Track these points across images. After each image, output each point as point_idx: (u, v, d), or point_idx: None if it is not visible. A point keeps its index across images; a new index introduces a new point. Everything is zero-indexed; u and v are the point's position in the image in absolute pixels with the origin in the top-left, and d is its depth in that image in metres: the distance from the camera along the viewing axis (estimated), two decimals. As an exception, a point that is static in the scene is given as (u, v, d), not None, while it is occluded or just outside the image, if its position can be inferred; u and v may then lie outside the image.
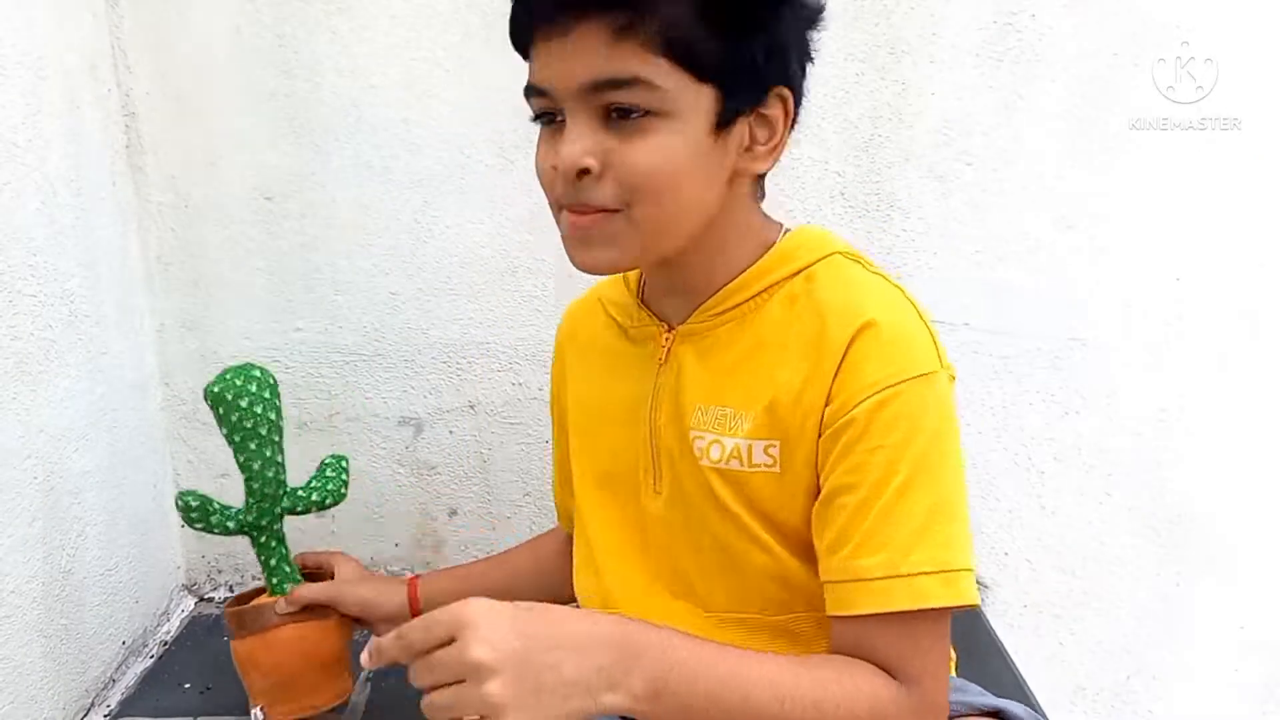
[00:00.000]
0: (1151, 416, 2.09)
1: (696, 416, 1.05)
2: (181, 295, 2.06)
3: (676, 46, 0.89)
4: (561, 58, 0.91)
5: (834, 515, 0.97)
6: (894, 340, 0.96)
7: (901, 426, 0.94)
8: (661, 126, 0.91)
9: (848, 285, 1.01)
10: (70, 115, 1.78)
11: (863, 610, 0.94)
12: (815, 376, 0.97)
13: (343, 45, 1.93)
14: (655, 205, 0.93)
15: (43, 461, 1.67)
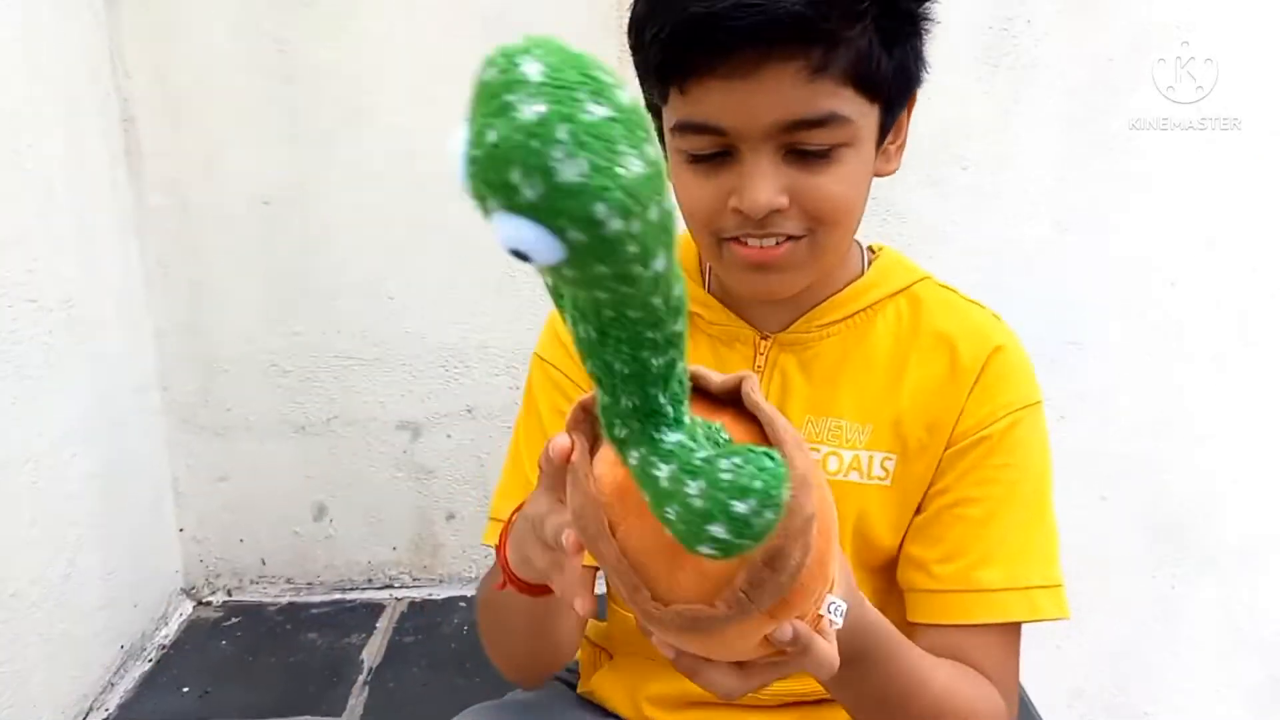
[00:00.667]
0: (1148, 419, 2.09)
1: (807, 429, 1.01)
2: (180, 299, 2.07)
3: (862, 74, 0.84)
4: (748, 98, 0.83)
5: (949, 526, 0.98)
6: (1020, 366, 1.00)
7: (1025, 448, 0.98)
8: (846, 155, 0.87)
9: (963, 311, 1.03)
10: (69, 120, 1.79)
11: (979, 620, 0.96)
12: (947, 391, 0.99)
13: (341, 50, 1.94)
14: (840, 230, 0.91)
15: (42, 465, 1.68)
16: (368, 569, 2.25)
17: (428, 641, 2.05)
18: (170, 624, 2.12)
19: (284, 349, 2.10)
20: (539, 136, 0.36)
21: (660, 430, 0.50)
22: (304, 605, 2.20)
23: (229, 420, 2.15)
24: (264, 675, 1.94)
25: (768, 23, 0.78)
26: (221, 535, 2.22)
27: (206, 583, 2.25)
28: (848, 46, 0.82)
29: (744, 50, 0.80)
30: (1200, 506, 2.14)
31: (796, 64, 0.81)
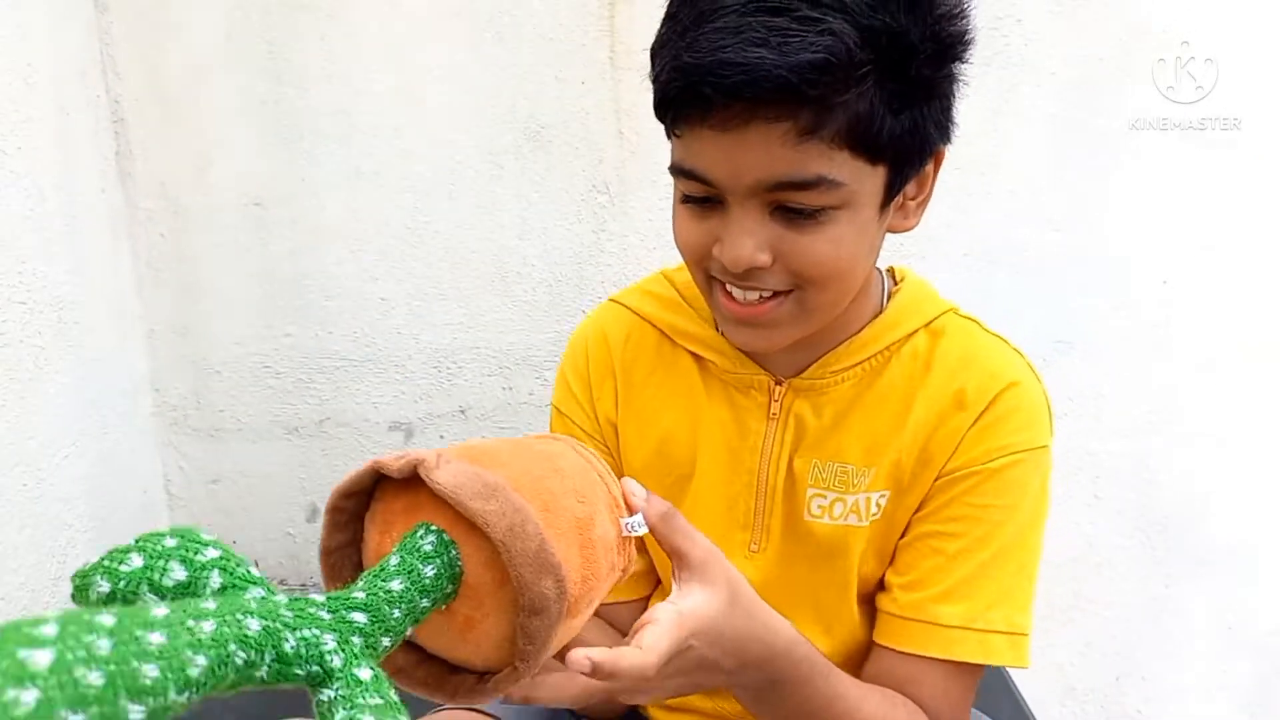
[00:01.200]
0: (1140, 419, 2.10)
1: (814, 475, 1.02)
2: (172, 301, 2.06)
3: (858, 137, 0.81)
4: (735, 153, 0.82)
5: (923, 555, 0.99)
6: (1028, 408, 0.99)
7: (1015, 491, 0.98)
8: (836, 218, 0.85)
9: (981, 347, 1.02)
10: (59, 121, 1.78)
11: (928, 653, 0.96)
12: (947, 428, 0.98)
13: (332, 52, 1.93)
14: (827, 291, 0.89)
15: (32, 468, 1.67)
16: (360, 571, 2.24)
17: (421, 643, 2.04)
18: (162, 627, 2.12)
19: (276, 351, 2.10)
20: None
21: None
22: (297, 607, 2.19)
23: (221, 422, 2.14)
24: (256, 678, 1.93)
25: (750, 84, 0.77)
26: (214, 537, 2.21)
27: (199, 585, 2.24)
28: (843, 109, 0.80)
29: (731, 106, 0.79)
30: (1192, 506, 2.14)
31: (784, 125, 0.79)
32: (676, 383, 1.09)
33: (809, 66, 0.76)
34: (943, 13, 0.84)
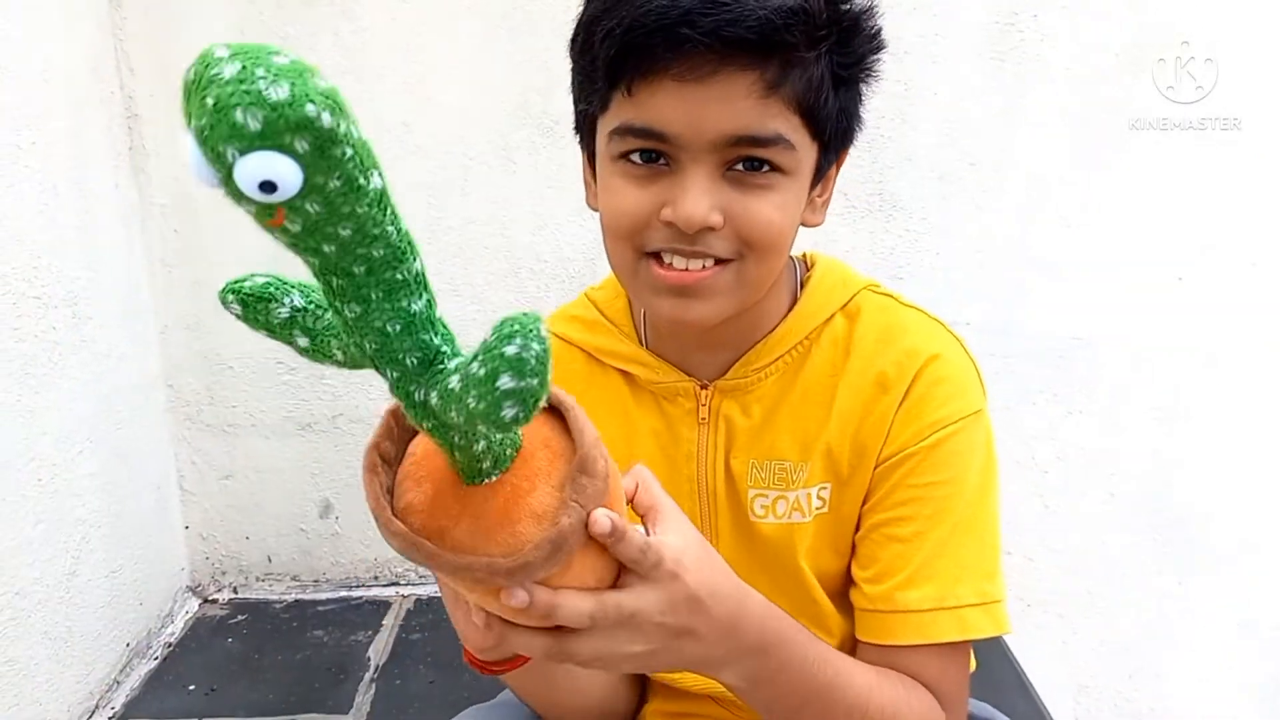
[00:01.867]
0: (1154, 416, 2.09)
1: (753, 475, 1.00)
2: (184, 297, 2.07)
3: (811, 106, 0.83)
4: (699, 105, 0.81)
5: (880, 545, 0.97)
6: (951, 378, 0.97)
7: (957, 463, 0.96)
8: (784, 184, 0.85)
9: (896, 324, 1.00)
10: (73, 118, 1.78)
11: (906, 641, 0.94)
12: (874, 413, 0.96)
13: (345, 48, 1.93)
14: (765, 261, 0.88)
15: (46, 464, 1.68)
16: (374, 566, 2.25)
17: (434, 639, 2.05)
18: (176, 622, 2.13)
19: (288, 347, 2.09)
20: (244, 81, 0.41)
21: (442, 364, 0.55)
22: (310, 603, 2.20)
23: (234, 418, 2.15)
24: (270, 673, 1.94)
25: (731, 23, 0.77)
26: (227, 533, 2.22)
27: (212, 580, 2.25)
28: (802, 70, 0.81)
29: (702, 52, 0.78)
30: (1206, 504, 2.13)
31: (751, 77, 0.80)
32: (608, 402, 1.06)
33: (788, 11, 0.78)
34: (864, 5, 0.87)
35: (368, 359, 0.55)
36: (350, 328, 0.53)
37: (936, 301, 1.80)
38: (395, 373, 0.55)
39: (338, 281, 0.51)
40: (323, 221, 0.47)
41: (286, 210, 0.45)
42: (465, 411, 0.50)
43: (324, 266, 0.50)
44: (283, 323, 0.57)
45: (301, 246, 0.48)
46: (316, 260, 0.50)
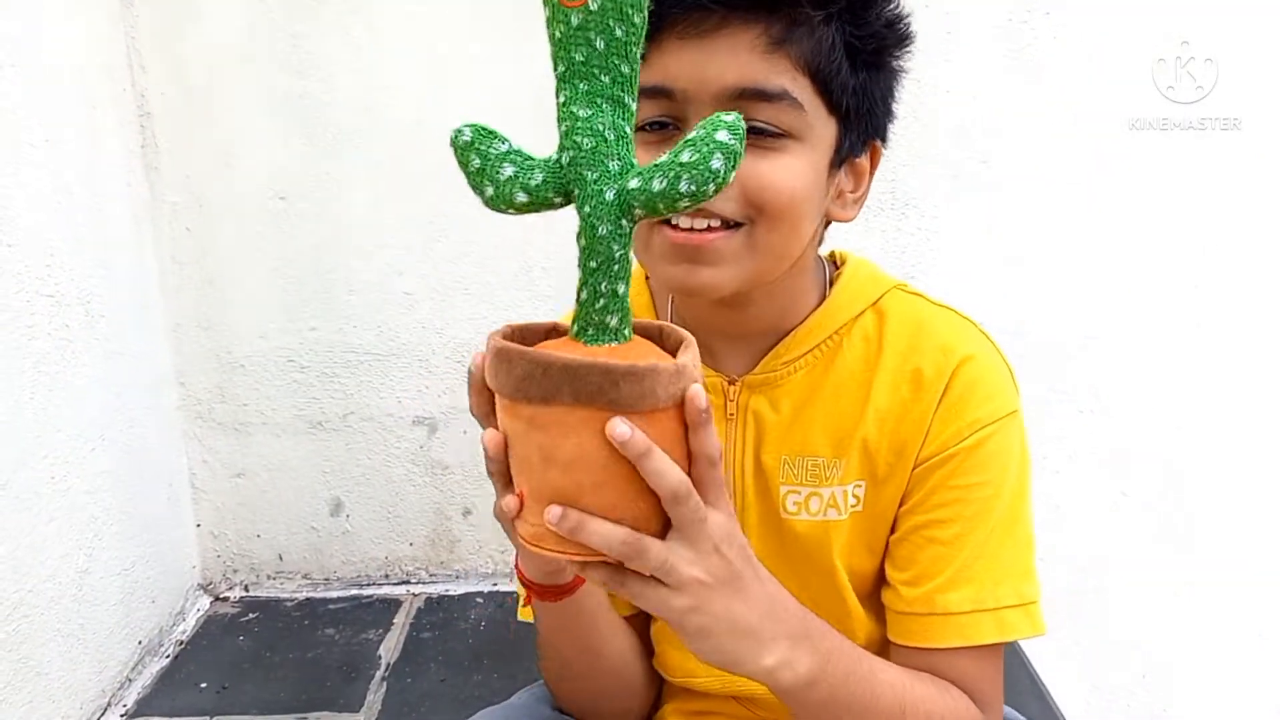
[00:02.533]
0: (1167, 416, 2.08)
1: (785, 471, 0.99)
2: (196, 295, 2.07)
3: (821, 70, 0.84)
4: (704, 59, 0.83)
5: (919, 548, 0.96)
6: (987, 378, 0.96)
7: (996, 464, 0.95)
8: (794, 148, 0.85)
9: (929, 322, 0.99)
10: (85, 116, 1.79)
11: (946, 644, 0.94)
12: (912, 413, 0.96)
13: (356, 46, 1.93)
14: (777, 228, 0.87)
15: (60, 461, 1.68)
16: (384, 564, 2.25)
17: (445, 637, 2.05)
18: (188, 619, 2.13)
19: (300, 345, 2.10)
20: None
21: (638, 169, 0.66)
22: (321, 601, 2.20)
23: (245, 416, 2.15)
24: (282, 671, 1.94)
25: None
26: (238, 531, 2.23)
27: (224, 578, 2.25)
28: (810, 30, 0.82)
29: (705, 7, 0.80)
30: (1219, 504, 2.12)
31: (755, 30, 0.81)
32: None
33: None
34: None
35: (575, 164, 0.65)
36: (572, 129, 0.64)
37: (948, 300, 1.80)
38: (594, 174, 0.65)
39: (584, 86, 0.63)
40: (610, 10, 0.61)
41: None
42: (674, 169, 0.62)
43: (580, 67, 0.63)
44: (500, 155, 0.67)
45: (579, 38, 0.62)
46: (581, 57, 0.63)
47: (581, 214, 0.65)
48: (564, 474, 0.65)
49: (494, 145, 0.67)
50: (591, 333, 0.68)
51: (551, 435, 0.65)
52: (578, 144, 0.64)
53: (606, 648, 1.04)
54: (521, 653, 1.95)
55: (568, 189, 0.66)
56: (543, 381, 0.64)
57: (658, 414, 0.65)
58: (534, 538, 0.68)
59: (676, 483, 0.66)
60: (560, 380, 0.63)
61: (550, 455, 0.66)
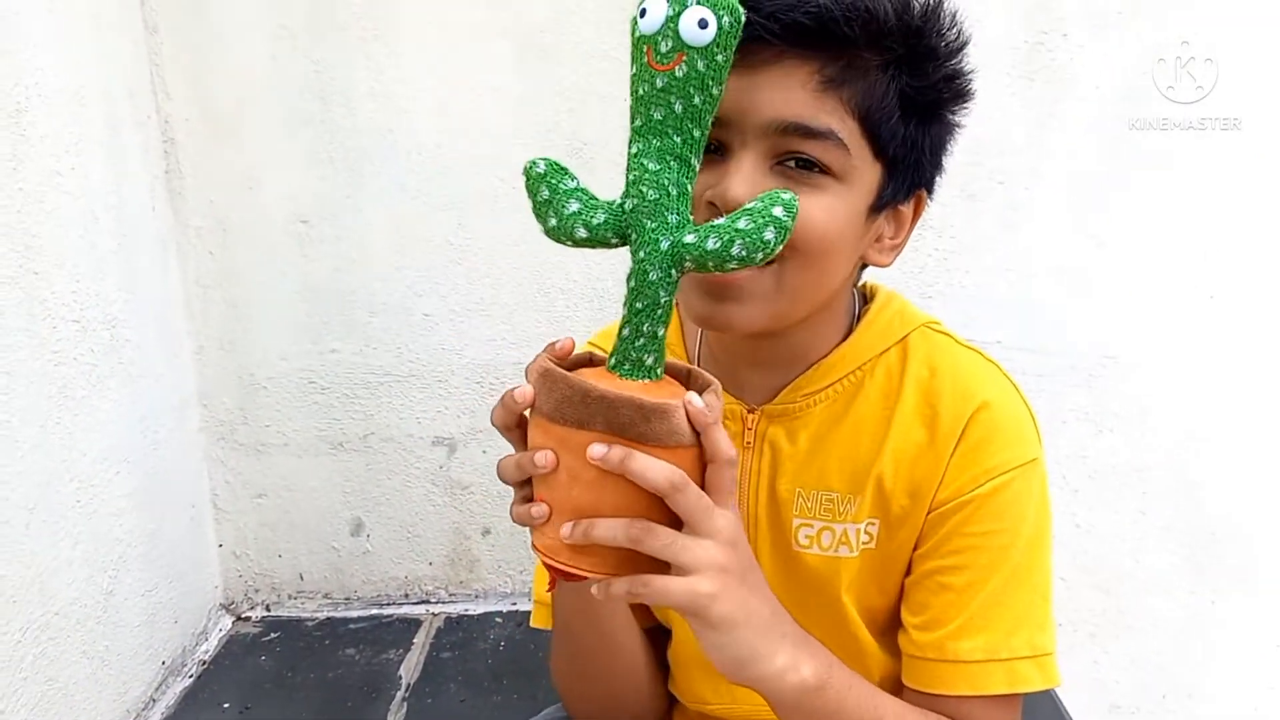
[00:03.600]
0: (1186, 434, 2.08)
1: (799, 504, 0.99)
2: (219, 317, 2.09)
3: (871, 115, 0.84)
4: (754, 90, 0.83)
5: (933, 593, 0.96)
6: (1006, 425, 0.96)
7: (1013, 512, 0.94)
8: (833, 188, 0.85)
9: (952, 364, 0.99)
10: (111, 141, 1.81)
11: (956, 691, 0.93)
12: (928, 456, 0.95)
13: (377, 71, 1.95)
14: (809, 268, 0.87)
15: (85, 484, 1.70)
16: (404, 584, 2.26)
17: (465, 657, 2.06)
18: (210, 639, 2.14)
19: (321, 366, 2.12)
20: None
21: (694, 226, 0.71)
22: (341, 620, 2.21)
23: (267, 437, 2.17)
24: (304, 691, 1.96)
25: (789, 8, 0.80)
26: (260, 551, 2.24)
27: (245, 598, 2.27)
28: (864, 75, 0.83)
29: (764, 38, 0.80)
30: (1238, 521, 2.12)
31: (809, 68, 0.82)
32: None
33: (851, 6, 0.81)
34: (952, 43, 0.89)
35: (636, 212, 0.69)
36: (639, 180, 0.69)
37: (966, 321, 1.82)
38: (653, 224, 0.69)
39: (657, 142, 0.68)
40: (693, 79, 0.66)
41: (687, 56, 0.66)
42: (730, 233, 0.68)
43: (656, 125, 0.68)
44: (567, 191, 0.71)
45: (660, 98, 0.67)
46: (660, 115, 0.68)
47: (636, 258, 0.70)
48: (586, 494, 0.70)
49: (564, 180, 0.72)
50: (628, 368, 0.73)
51: (580, 458, 0.68)
52: (643, 194, 0.69)
53: (625, 639, 1.04)
54: (542, 673, 1.95)
55: (625, 233, 0.71)
56: (580, 407, 0.68)
57: (681, 450, 0.70)
58: (549, 550, 0.72)
59: (667, 473, 0.68)
60: (596, 409, 0.68)
61: (577, 475, 0.70)
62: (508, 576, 2.26)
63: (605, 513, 0.70)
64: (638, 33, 0.67)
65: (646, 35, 0.66)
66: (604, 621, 1.01)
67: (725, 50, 0.65)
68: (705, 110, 0.67)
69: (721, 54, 0.66)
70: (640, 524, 0.70)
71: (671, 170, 0.69)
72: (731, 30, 0.65)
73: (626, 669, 1.07)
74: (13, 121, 1.53)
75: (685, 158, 0.69)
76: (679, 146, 0.69)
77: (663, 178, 0.69)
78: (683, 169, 0.70)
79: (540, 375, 0.71)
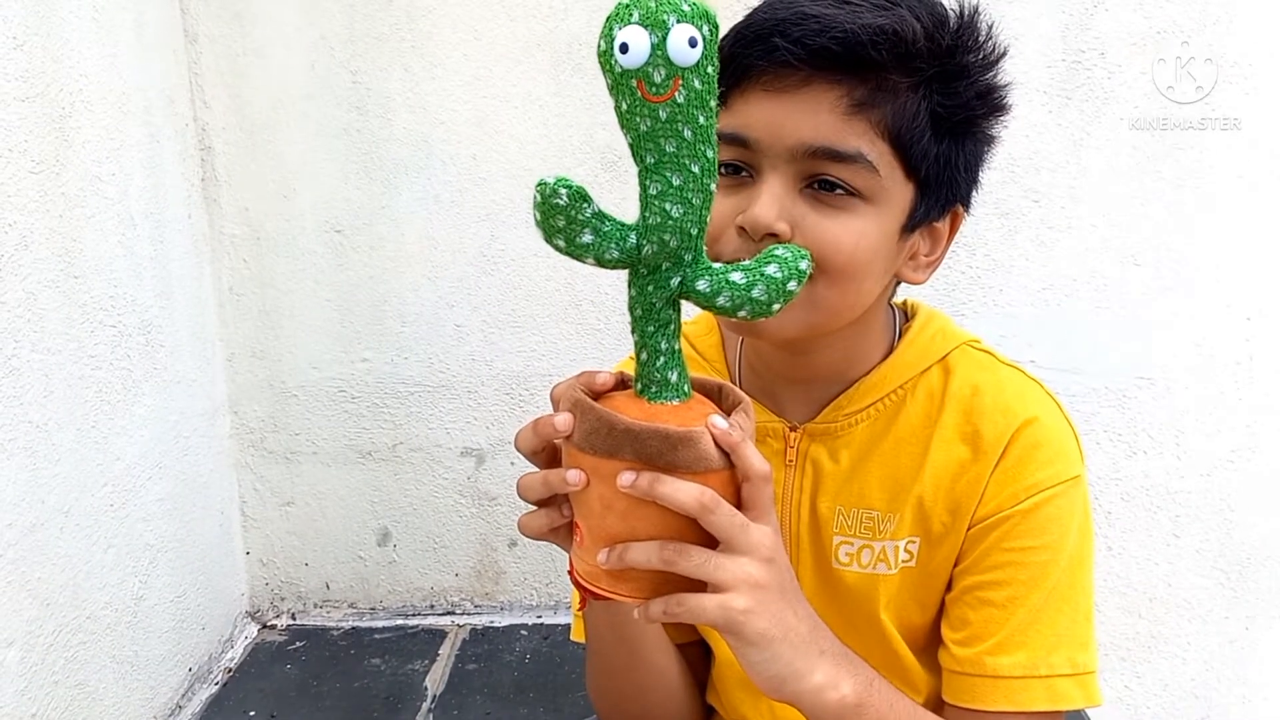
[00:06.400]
0: (1221, 457, 2.06)
1: (839, 521, 0.99)
2: (252, 325, 2.10)
3: (902, 137, 0.84)
4: (783, 114, 0.83)
5: (972, 608, 0.95)
6: (1050, 441, 0.95)
7: (1055, 529, 0.94)
8: (862, 210, 0.85)
9: (994, 382, 0.98)
10: (150, 148, 1.82)
11: (996, 707, 0.93)
12: (970, 473, 0.95)
13: (414, 82, 1.96)
14: (836, 287, 0.87)
15: (118, 488, 1.70)
16: (430, 595, 2.26)
17: (490, 669, 2.05)
18: (236, 647, 2.14)
19: (351, 375, 2.12)
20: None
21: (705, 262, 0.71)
22: (367, 630, 2.21)
23: (296, 445, 2.17)
24: (329, 700, 1.95)
25: (817, 33, 0.80)
26: (287, 559, 2.24)
27: (271, 606, 2.27)
28: (894, 97, 0.83)
29: (792, 63, 0.81)
30: (1273, 545, 2.09)
31: (838, 92, 0.82)
32: None
33: (879, 30, 0.80)
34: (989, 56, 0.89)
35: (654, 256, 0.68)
36: (661, 226, 0.67)
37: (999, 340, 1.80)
38: (669, 264, 0.69)
39: (677, 180, 0.66)
40: (694, 100, 0.64)
41: (683, 79, 0.63)
42: (742, 299, 0.69)
43: (671, 159, 0.66)
44: (585, 218, 0.69)
45: (668, 130, 0.65)
46: (672, 148, 0.65)
47: (644, 291, 0.71)
48: (621, 521, 0.70)
49: (583, 210, 0.69)
50: (654, 390, 0.73)
51: (612, 486, 0.69)
52: (664, 242, 0.68)
53: (656, 659, 1.05)
54: (567, 686, 1.95)
55: (635, 266, 0.70)
56: (608, 438, 0.69)
57: (712, 474, 0.70)
58: (588, 576, 0.73)
59: (696, 494, 0.69)
60: (623, 440, 0.68)
61: (610, 504, 0.70)
62: (533, 589, 2.25)
63: (640, 538, 0.70)
64: (619, 69, 0.63)
65: (633, 69, 0.63)
66: (634, 639, 1.02)
67: (713, 60, 0.64)
68: (710, 126, 0.65)
69: (711, 65, 0.64)
70: (673, 546, 0.70)
71: (693, 209, 0.67)
72: (713, 37, 0.63)
73: (658, 685, 1.07)
74: (56, 126, 1.54)
75: (705, 186, 0.67)
76: (698, 177, 0.66)
77: (686, 221, 0.67)
78: (704, 201, 0.68)
79: (572, 405, 0.71)
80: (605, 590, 0.73)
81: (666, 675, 1.08)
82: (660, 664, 1.06)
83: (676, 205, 0.67)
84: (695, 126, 0.65)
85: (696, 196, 0.67)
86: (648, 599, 0.72)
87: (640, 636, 1.02)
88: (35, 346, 1.48)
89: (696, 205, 0.67)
